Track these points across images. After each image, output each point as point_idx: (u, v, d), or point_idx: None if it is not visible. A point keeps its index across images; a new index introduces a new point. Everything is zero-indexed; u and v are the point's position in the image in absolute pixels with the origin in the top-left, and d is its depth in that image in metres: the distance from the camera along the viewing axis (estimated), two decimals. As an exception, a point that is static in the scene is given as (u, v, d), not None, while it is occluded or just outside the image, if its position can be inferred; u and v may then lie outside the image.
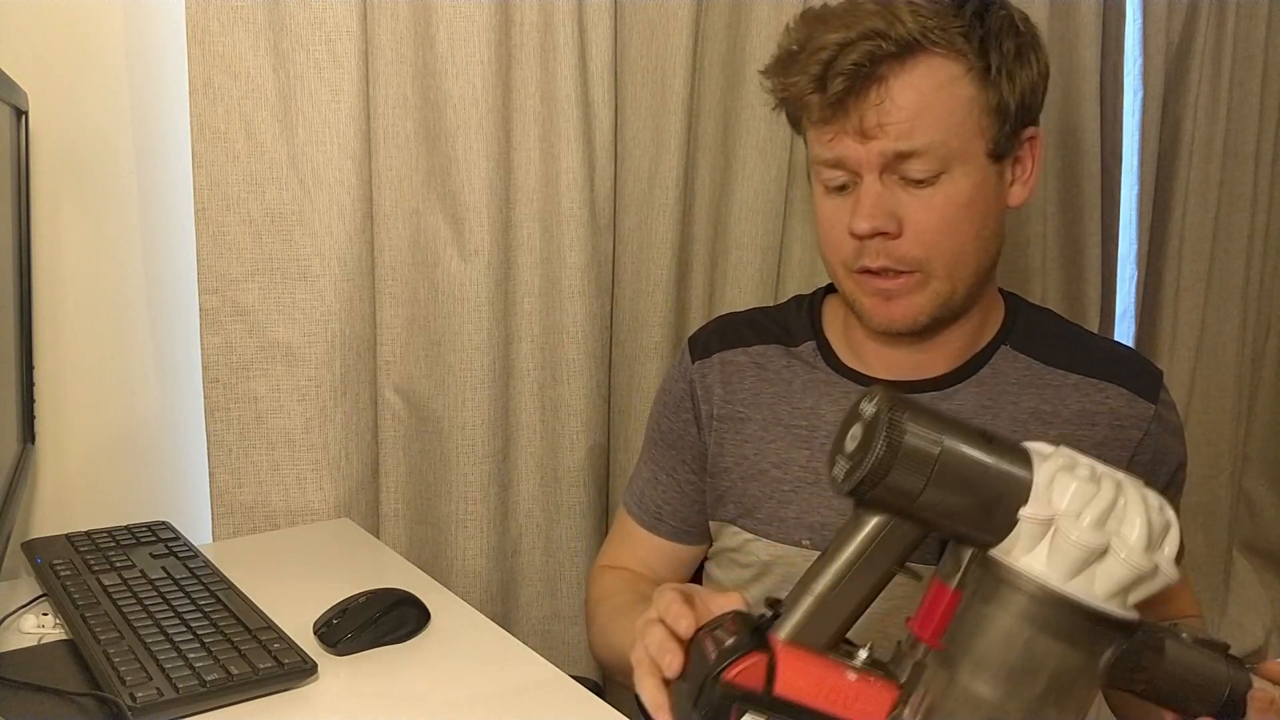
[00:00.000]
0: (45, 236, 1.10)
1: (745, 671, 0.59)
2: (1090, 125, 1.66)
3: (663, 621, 0.65)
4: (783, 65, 0.88)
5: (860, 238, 0.86)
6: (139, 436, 1.18)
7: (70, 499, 1.15)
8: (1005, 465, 0.57)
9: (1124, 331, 1.86)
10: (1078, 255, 1.73)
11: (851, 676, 0.59)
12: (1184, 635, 0.62)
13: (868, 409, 0.59)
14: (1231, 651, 0.63)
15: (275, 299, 1.16)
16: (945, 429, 0.58)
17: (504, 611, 1.33)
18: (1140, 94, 1.76)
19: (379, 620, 0.89)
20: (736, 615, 0.64)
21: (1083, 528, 0.54)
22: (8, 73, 0.93)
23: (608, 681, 1.28)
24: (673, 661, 0.63)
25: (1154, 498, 0.56)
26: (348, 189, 1.16)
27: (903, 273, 0.87)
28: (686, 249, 1.40)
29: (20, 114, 1.00)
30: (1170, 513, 0.56)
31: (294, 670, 0.81)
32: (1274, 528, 2.17)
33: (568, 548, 1.36)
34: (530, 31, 1.23)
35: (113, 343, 1.16)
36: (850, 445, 0.60)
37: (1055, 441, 0.88)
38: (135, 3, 1.11)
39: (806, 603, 0.60)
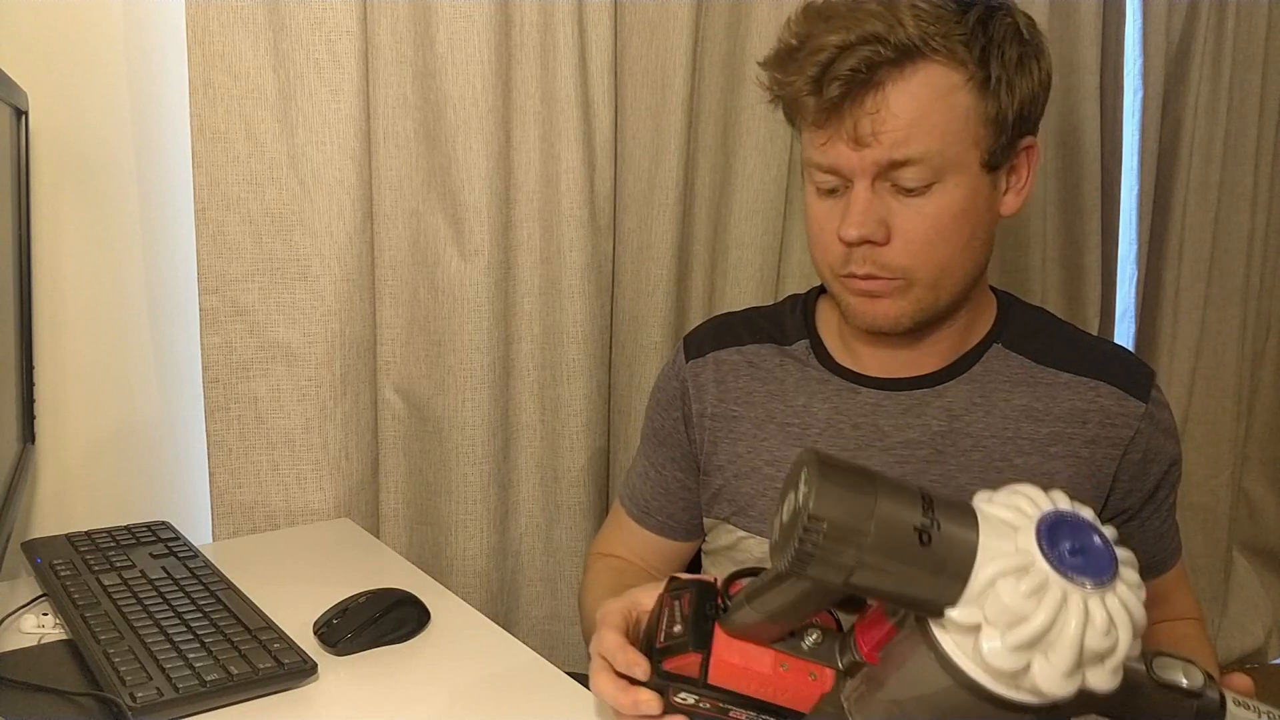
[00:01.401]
0: (45, 236, 1.10)
1: (683, 665, 0.65)
2: (1090, 125, 1.66)
3: (612, 668, 0.69)
4: (781, 61, 0.87)
5: (848, 244, 0.86)
6: (139, 436, 1.18)
7: (70, 499, 1.15)
8: (935, 572, 0.52)
9: (1124, 331, 1.86)
10: (1078, 255, 1.73)
11: (784, 670, 0.63)
12: (1155, 672, 0.59)
13: (799, 492, 0.55)
14: (1209, 683, 0.60)
15: (275, 299, 1.16)
16: (869, 541, 0.52)
17: (504, 611, 1.33)
18: (1140, 94, 1.76)
19: (379, 620, 0.89)
20: (696, 591, 0.69)
21: (1002, 650, 0.50)
22: (8, 73, 0.93)
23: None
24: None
25: (1101, 617, 0.50)
26: (348, 189, 1.16)
27: (884, 278, 0.87)
28: (686, 249, 1.40)
29: (20, 114, 1.00)
30: (1122, 631, 0.51)
31: (294, 670, 0.81)
32: (1274, 528, 2.17)
33: (568, 548, 1.36)
34: (530, 31, 1.23)
35: (113, 343, 1.16)
36: (786, 514, 0.56)
37: (1047, 442, 0.90)
38: (135, 3, 1.12)
39: (745, 610, 0.64)
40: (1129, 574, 0.52)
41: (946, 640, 0.53)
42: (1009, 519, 0.53)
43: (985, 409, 0.92)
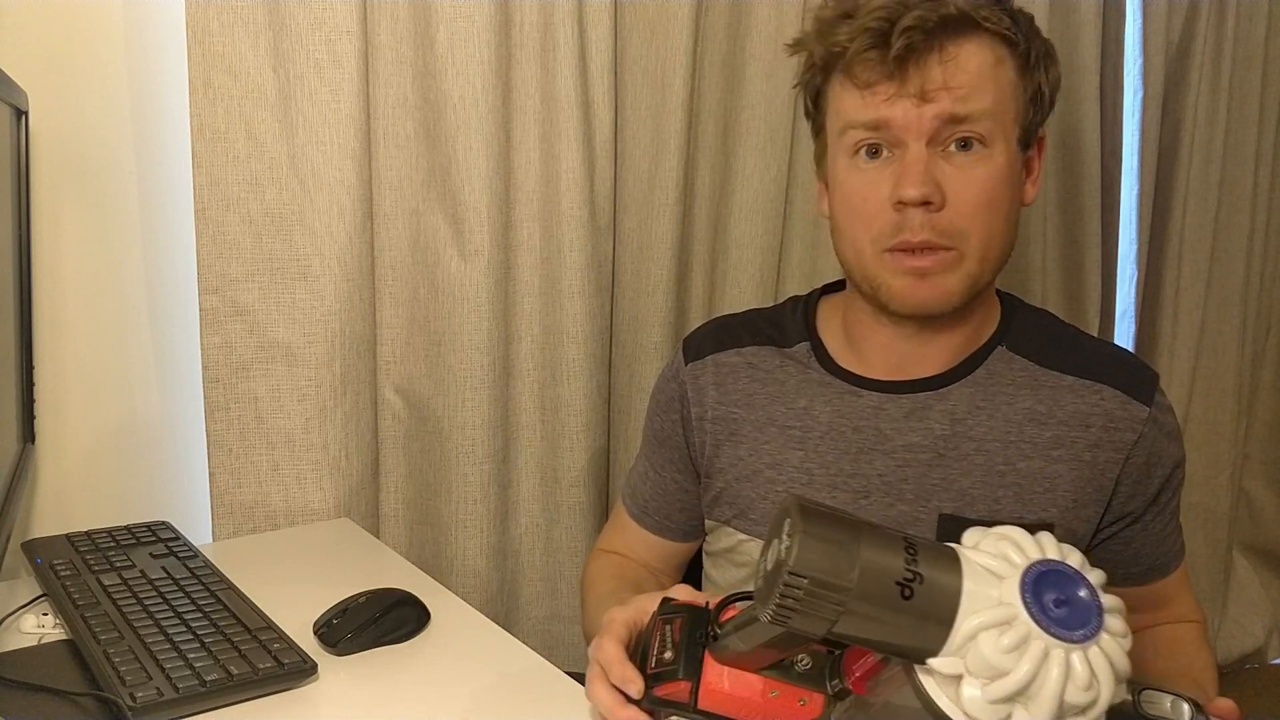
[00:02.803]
0: (45, 236, 1.10)
1: (673, 691, 0.66)
2: (1090, 125, 1.67)
3: (609, 680, 0.70)
4: (830, 26, 0.87)
5: (907, 205, 0.85)
6: (139, 436, 1.18)
7: (70, 499, 1.15)
8: (916, 627, 0.52)
9: (1124, 331, 1.86)
10: (1078, 255, 1.73)
11: (773, 697, 0.63)
12: (1141, 708, 0.58)
13: (782, 543, 0.54)
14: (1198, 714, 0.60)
15: (275, 299, 1.16)
16: (850, 599, 0.52)
17: (504, 611, 1.33)
18: (1140, 94, 1.76)
19: (379, 620, 0.89)
20: (689, 617, 0.69)
21: (981, 701, 0.51)
22: (8, 73, 0.93)
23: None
24: None
25: (1083, 673, 0.50)
26: (348, 189, 1.16)
27: (940, 248, 0.86)
28: (686, 249, 1.40)
29: (20, 114, 1.00)
30: (1104, 686, 0.51)
31: (294, 670, 0.81)
32: (1274, 528, 2.17)
33: (568, 548, 1.36)
34: (530, 31, 1.23)
35: (113, 343, 1.16)
36: (770, 562, 0.56)
37: (1050, 445, 0.90)
38: (135, 3, 1.12)
39: (736, 639, 0.64)
40: (1114, 623, 0.52)
41: (929, 683, 0.53)
42: (994, 567, 0.53)
43: (988, 412, 0.92)
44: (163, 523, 1.10)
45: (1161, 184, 1.84)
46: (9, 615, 0.91)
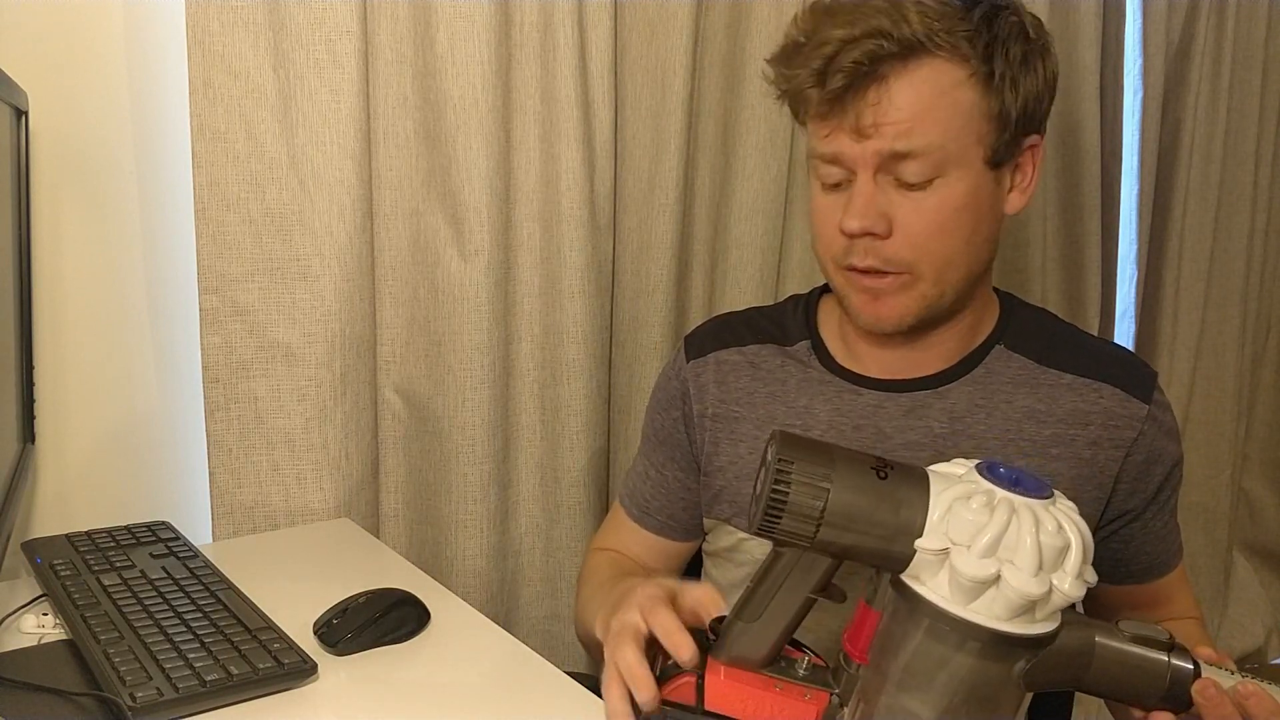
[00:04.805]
0: (45, 236, 1.10)
1: (677, 690, 0.68)
2: (1090, 125, 1.67)
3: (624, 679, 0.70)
4: (786, 57, 0.88)
5: (850, 236, 0.86)
6: (139, 436, 1.18)
7: (70, 499, 1.15)
8: (896, 505, 0.60)
9: (1124, 331, 1.86)
10: (1078, 255, 1.73)
11: (778, 690, 0.66)
12: (1123, 630, 0.63)
13: (768, 463, 0.62)
14: (1177, 642, 0.64)
15: (275, 299, 1.16)
16: (834, 476, 0.61)
17: (504, 611, 1.33)
18: (1140, 94, 1.76)
19: (379, 620, 0.89)
20: (690, 634, 0.71)
21: (971, 559, 0.56)
22: (8, 73, 0.93)
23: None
24: None
25: (1050, 521, 0.56)
26: (348, 189, 1.16)
27: (889, 273, 0.87)
28: (686, 249, 1.40)
29: (20, 114, 1.00)
30: (1071, 533, 0.56)
31: (294, 670, 0.81)
32: (1274, 528, 2.17)
33: (568, 548, 1.36)
34: (530, 31, 1.23)
35: (113, 343, 1.16)
36: (759, 488, 0.63)
37: (1049, 444, 0.90)
38: (135, 3, 1.12)
39: (736, 628, 0.67)
40: (1065, 500, 0.60)
41: (924, 589, 0.59)
42: (952, 470, 0.62)
43: (987, 410, 0.92)
44: (163, 523, 1.10)
45: (1161, 184, 1.85)
46: (9, 615, 0.91)
